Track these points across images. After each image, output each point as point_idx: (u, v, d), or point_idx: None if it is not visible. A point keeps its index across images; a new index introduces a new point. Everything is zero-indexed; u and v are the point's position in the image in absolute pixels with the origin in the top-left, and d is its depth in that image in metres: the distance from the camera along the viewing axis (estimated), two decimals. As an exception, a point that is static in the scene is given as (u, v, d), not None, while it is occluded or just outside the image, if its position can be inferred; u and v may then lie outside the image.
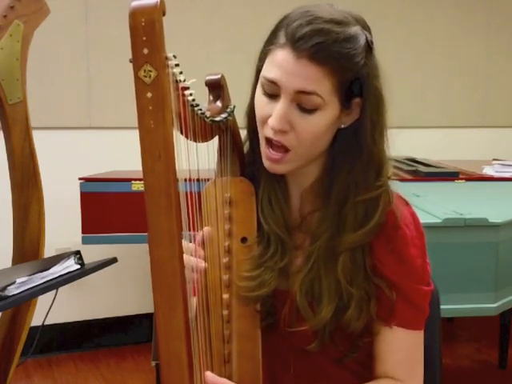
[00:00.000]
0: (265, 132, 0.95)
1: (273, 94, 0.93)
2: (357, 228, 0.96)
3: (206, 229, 0.96)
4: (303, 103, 0.91)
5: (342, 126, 0.97)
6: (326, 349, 0.99)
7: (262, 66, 0.96)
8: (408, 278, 0.98)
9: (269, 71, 0.93)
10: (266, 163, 0.98)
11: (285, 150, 0.94)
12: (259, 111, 0.96)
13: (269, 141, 0.95)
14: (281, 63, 0.90)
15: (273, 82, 0.92)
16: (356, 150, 0.96)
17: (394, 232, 0.97)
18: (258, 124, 0.98)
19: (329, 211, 0.98)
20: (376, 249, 0.98)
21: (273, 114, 0.92)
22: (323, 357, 1.01)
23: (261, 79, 0.95)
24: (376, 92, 0.94)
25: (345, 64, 0.90)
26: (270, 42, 0.93)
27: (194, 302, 0.94)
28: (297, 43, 0.89)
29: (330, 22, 0.90)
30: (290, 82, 0.90)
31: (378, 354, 1.02)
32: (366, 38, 0.93)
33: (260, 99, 0.95)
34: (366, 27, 0.95)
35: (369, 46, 0.94)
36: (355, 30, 0.92)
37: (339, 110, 0.94)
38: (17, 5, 1.50)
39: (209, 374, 0.89)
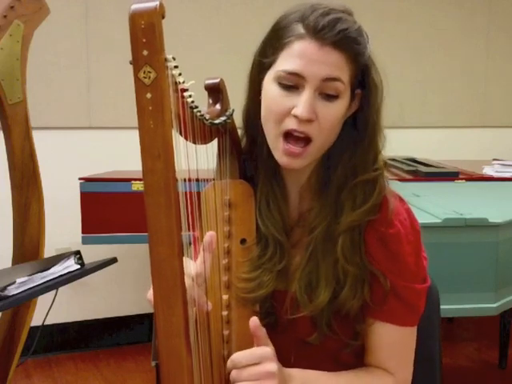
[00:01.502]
0: (286, 125, 0.94)
1: (292, 86, 0.93)
2: (356, 208, 0.97)
3: (208, 234, 0.93)
4: (327, 90, 0.92)
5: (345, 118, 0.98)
6: (326, 342, 0.99)
7: (269, 62, 0.95)
8: (400, 276, 0.98)
9: (289, 63, 0.92)
10: (284, 159, 0.96)
11: (306, 141, 0.94)
12: (276, 107, 0.94)
13: (287, 136, 0.95)
14: (303, 53, 0.91)
15: (295, 74, 0.92)
16: (356, 140, 0.98)
17: (387, 229, 0.98)
18: (270, 121, 0.96)
19: (326, 202, 0.99)
20: (369, 244, 0.98)
21: (299, 104, 0.92)
22: (323, 352, 1.01)
23: (277, 73, 0.93)
24: (377, 82, 0.97)
25: (360, 51, 0.93)
26: (283, 37, 0.93)
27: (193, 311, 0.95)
28: (320, 32, 0.90)
29: (345, 11, 0.94)
30: (316, 70, 0.91)
31: (370, 347, 1.03)
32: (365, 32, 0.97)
33: (276, 94, 0.94)
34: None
35: (368, 38, 0.97)
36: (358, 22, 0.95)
37: (349, 100, 0.96)
38: (17, 5, 1.50)
39: (254, 319, 0.89)
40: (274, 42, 0.95)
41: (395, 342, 1.01)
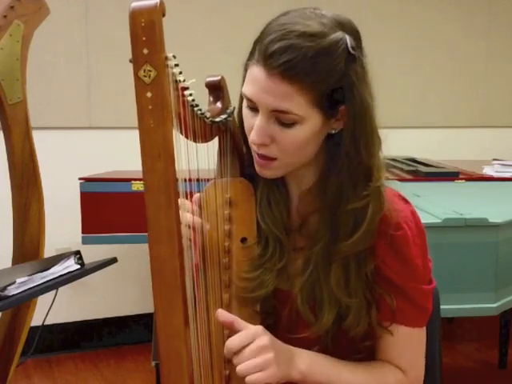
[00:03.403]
0: (250, 144, 0.97)
1: (254, 108, 0.93)
2: (347, 238, 0.96)
3: (197, 195, 0.99)
4: (280, 119, 0.91)
5: (333, 132, 0.95)
6: (328, 351, 0.99)
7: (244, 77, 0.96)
8: (409, 278, 0.99)
9: (246, 87, 0.93)
10: (257, 168, 0.99)
11: (270, 158, 0.95)
12: (245, 122, 0.97)
13: None
14: (255, 80, 0.91)
15: (249, 99, 0.93)
16: (341, 157, 0.95)
17: (395, 232, 0.97)
18: (246, 132, 0.99)
19: (325, 215, 0.98)
20: (378, 250, 0.98)
21: (254, 128, 0.93)
22: None
23: (242, 93, 0.96)
24: (360, 99, 0.91)
25: (318, 79, 0.88)
26: (250, 56, 0.93)
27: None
28: (268, 60, 0.88)
29: (303, 35, 0.87)
30: (265, 99, 0.90)
31: (380, 347, 1.03)
32: (347, 45, 0.90)
33: (244, 111, 0.97)
34: (351, 31, 0.92)
35: (349, 53, 0.90)
36: (331, 39, 0.88)
37: (322, 119, 0.92)
38: (17, 5, 1.50)
39: (220, 311, 0.91)
40: (247, 59, 0.95)
41: (405, 343, 1.01)
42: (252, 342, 0.89)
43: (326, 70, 0.88)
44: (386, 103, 0.99)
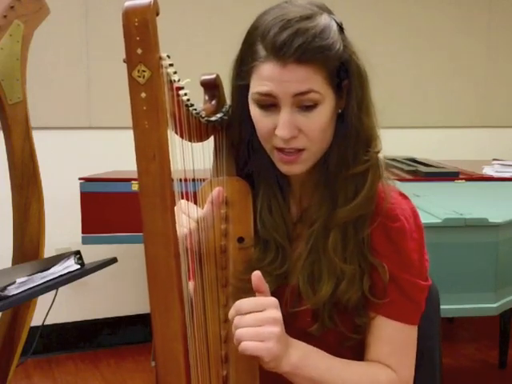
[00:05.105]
0: (274, 143, 0.96)
1: (270, 105, 0.94)
2: (347, 203, 0.97)
3: (216, 189, 0.98)
4: (303, 103, 0.92)
5: (340, 111, 0.98)
6: (327, 335, 0.99)
7: (246, 84, 0.96)
8: (405, 270, 0.99)
9: (260, 86, 0.93)
10: (283, 168, 0.98)
11: (299, 150, 0.96)
12: (260, 128, 0.96)
13: (280, 148, 0.96)
14: (270, 76, 0.91)
15: (268, 95, 0.92)
16: (345, 130, 0.97)
17: (392, 224, 0.98)
18: (261, 138, 0.98)
19: (325, 195, 1.00)
20: (374, 239, 0.99)
21: (279, 124, 0.93)
22: (323, 346, 1.00)
23: (253, 96, 0.95)
24: (358, 69, 0.96)
25: (329, 55, 0.91)
26: (251, 59, 0.93)
27: (190, 286, 0.96)
28: (280, 52, 0.89)
29: (302, 19, 0.90)
30: (285, 88, 0.91)
31: (370, 343, 1.02)
32: (336, 22, 0.95)
33: (257, 115, 0.96)
34: (329, 11, 0.97)
35: (341, 28, 0.95)
36: (324, 18, 0.93)
37: (335, 98, 0.95)
38: (17, 5, 1.50)
39: (257, 273, 0.89)
40: (245, 64, 0.95)
41: (396, 339, 1.01)
42: (264, 311, 0.88)
43: (331, 45, 0.91)
44: (387, 103, 1.00)
